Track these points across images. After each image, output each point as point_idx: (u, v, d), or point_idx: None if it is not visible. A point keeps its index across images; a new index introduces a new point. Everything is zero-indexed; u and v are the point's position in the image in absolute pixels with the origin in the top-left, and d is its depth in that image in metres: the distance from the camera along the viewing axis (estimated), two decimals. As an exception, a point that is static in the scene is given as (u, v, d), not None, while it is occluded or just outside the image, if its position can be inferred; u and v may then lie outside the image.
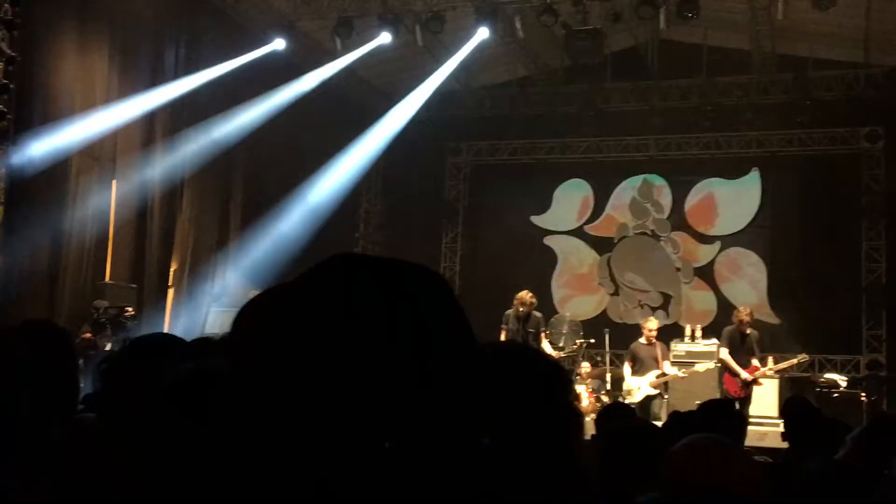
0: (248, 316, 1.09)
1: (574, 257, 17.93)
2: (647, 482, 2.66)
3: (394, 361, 1.00)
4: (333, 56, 15.25)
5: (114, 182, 12.12)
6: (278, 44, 14.37)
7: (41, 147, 10.85)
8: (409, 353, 1.01)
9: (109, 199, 12.01)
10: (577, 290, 17.68)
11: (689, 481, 2.31)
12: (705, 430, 3.46)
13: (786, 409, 5.52)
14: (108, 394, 2.47)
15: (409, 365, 1.01)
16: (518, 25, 14.22)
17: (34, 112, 10.82)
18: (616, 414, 4.99)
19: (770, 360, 12.43)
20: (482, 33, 14.43)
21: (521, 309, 12.16)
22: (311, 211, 15.35)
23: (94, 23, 11.63)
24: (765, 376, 12.21)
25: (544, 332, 12.54)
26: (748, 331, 12.20)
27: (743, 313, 12.33)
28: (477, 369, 1.10)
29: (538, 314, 12.50)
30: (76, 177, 11.35)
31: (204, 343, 2.75)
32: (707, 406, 4.66)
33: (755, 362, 12.02)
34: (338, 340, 1.00)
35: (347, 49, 14.73)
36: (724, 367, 12.15)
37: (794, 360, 12.50)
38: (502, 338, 12.09)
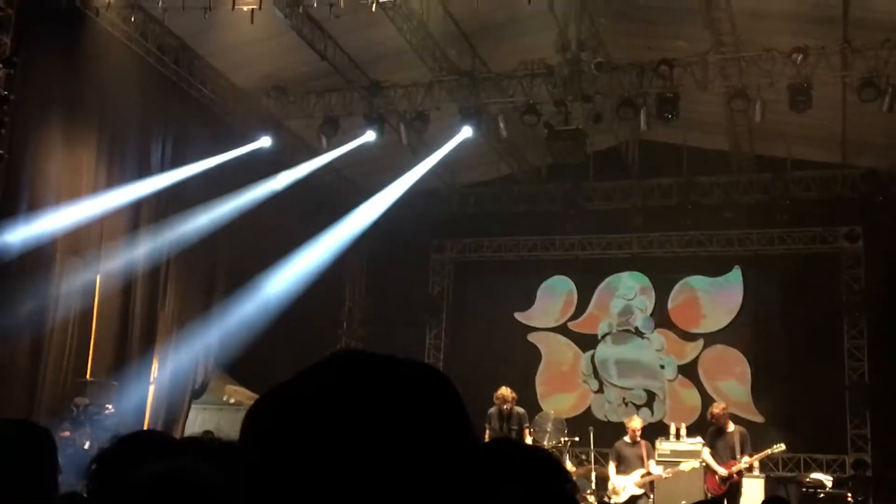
0: (256, 423, 1.07)
1: (558, 354, 17.89)
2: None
3: (408, 466, 0.99)
4: (318, 153, 15.44)
5: (98, 276, 12.09)
6: (264, 141, 14.57)
7: (25, 239, 10.85)
8: (419, 458, 1.00)
9: (93, 293, 11.96)
10: (562, 387, 17.60)
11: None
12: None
13: None
14: (97, 494, 2.44)
15: (421, 469, 1.00)
16: (501, 125, 14.44)
17: (20, 206, 10.84)
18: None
19: (746, 456, 12.33)
20: (465, 132, 14.64)
21: (504, 406, 12.10)
22: (296, 305, 15.30)
23: (83, 116, 11.74)
24: (741, 470, 12.08)
25: (527, 427, 12.44)
26: (730, 427, 12.14)
27: (715, 408, 12.33)
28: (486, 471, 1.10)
29: (520, 410, 12.43)
30: (59, 270, 11.31)
31: (194, 444, 2.72)
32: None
33: (738, 457, 11.93)
34: (346, 446, 0.99)
35: (332, 147, 14.92)
36: (707, 466, 12.09)
37: (769, 451, 12.41)
38: (486, 437, 11.97)
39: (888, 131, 14.37)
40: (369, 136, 14.57)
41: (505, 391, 12.23)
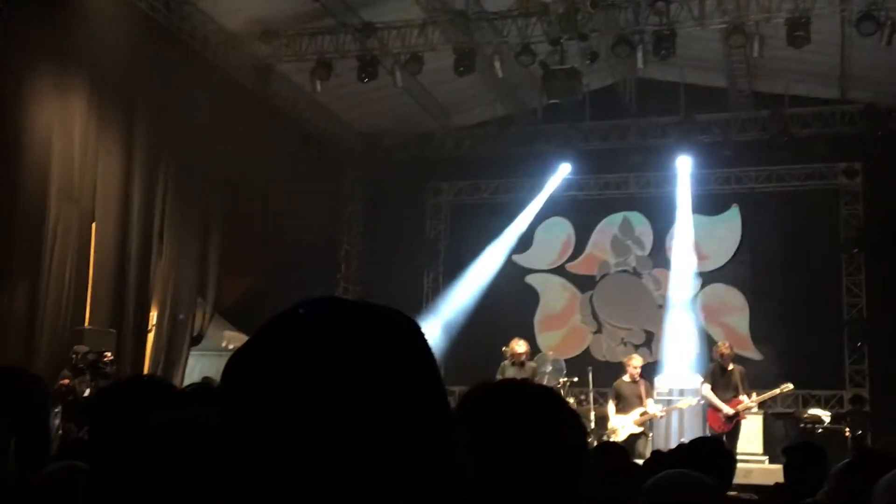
0: (235, 371, 1.06)
1: (556, 296, 17.90)
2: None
3: (378, 418, 0.99)
4: (312, 98, 15.31)
5: (93, 225, 12.04)
6: (256, 85, 14.42)
7: (19, 191, 10.80)
8: (389, 411, 1.00)
9: (89, 242, 11.92)
10: (560, 329, 17.63)
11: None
12: (691, 469, 3.40)
13: (791, 454, 5.39)
14: (94, 440, 2.41)
15: (392, 423, 0.99)
16: (497, 65, 14.30)
17: (11, 156, 10.75)
18: (607, 454, 4.91)
19: (754, 394, 12.42)
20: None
21: (514, 358, 12.08)
22: (292, 249, 15.27)
23: (73, 63, 11.59)
24: (748, 409, 12.18)
25: (537, 380, 12.38)
26: (730, 366, 12.19)
27: (722, 347, 12.35)
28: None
29: (532, 364, 12.43)
30: (55, 220, 11.26)
31: (200, 389, 2.69)
32: (693, 444, 4.60)
33: (741, 397, 12.00)
34: (315, 398, 0.98)
35: (326, 91, 14.78)
36: (708, 404, 12.13)
37: (777, 391, 12.50)
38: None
39: (887, 65, 14.26)
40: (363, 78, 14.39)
41: (518, 343, 12.23)
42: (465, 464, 1.56)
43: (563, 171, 17.35)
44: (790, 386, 12.72)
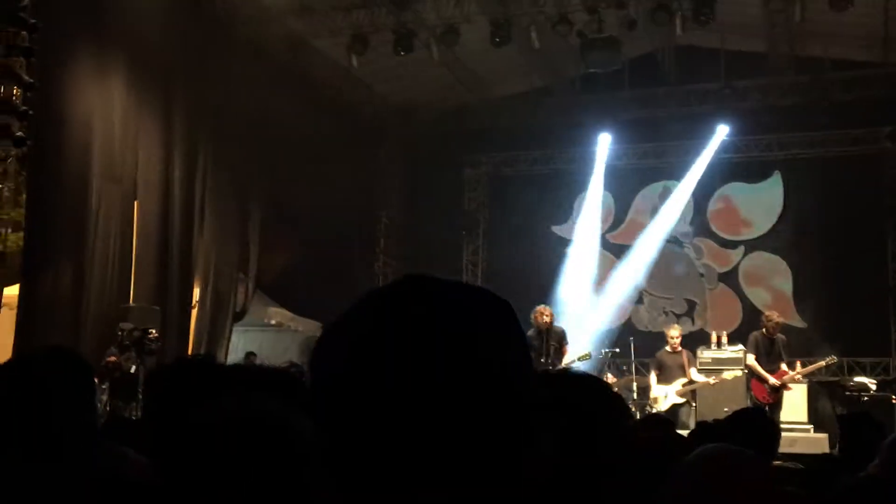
0: (324, 358, 1.05)
1: (596, 266, 17.82)
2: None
3: (483, 406, 0.98)
4: (349, 73, 15.29)
5: (136, 203, 12.16)
6: (291, 60, 14.43)
7: (62, 171, 10.91)
8: (496, 397, 0.99)
9: (131, 220, 12.05)
10: (602, 299, 17.56)
11: (700, 492, 2.25)
12: (735, 440, 3.39)
13: (846, 424, 5.32)
14: (157, 428, 2.41)
15: (499, 409, 0.99)
16: (533, 35, 14.20)
17: (54, 137, 10.86)
18: (653, 425, 4.90)
19: (798, 364, 12.32)
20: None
21: (542, 324, 12.01)
22: (332, 224, 15.32)
23: (110, 43, 11.66)
24: (794, 381, 12.09)
25: (566, 345, 12.32)
26: (776, 335, 12.08)
27: (773, 317, 12.19)
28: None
29: (559, 327, 12.35)
30: (98, 200, 11.38)
31: (244, 372, 2.69)
32: (737, 415, 4.58)
33: (784, 367, 11.90)
34: (419, 387, 0.97)
35: (362, 65, 14.76)
36: (752, 374, 12.03)
37: (822, 363, 12.38)
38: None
39: (932, 26, 13.98)
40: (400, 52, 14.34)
41: (542, 309, 12.15)
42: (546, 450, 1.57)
43: (604, 143, 17.25)
44: (834, 359, 12.61)
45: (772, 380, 11.79)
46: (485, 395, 0.98)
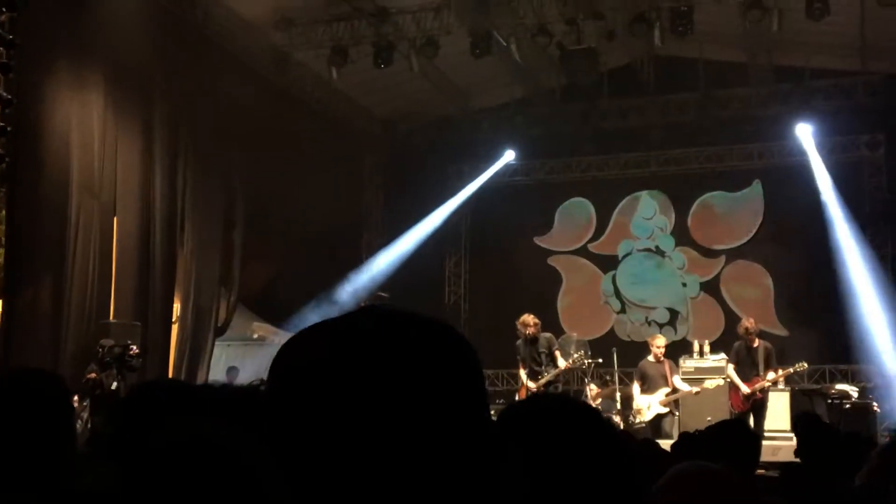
0: (284, 374, 1.07)
1: (579, 276, 17.86)
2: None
3: (420, 436, 1.00)
4: (329, 85, 15.28)
5: (115, 218, 12.08)
6: (273, 73, 14.41)
7: (41, 187, 10.84)
8: (432, 428, 1.01)
9: (111, 235, 11.97)
10: (584, 310, 17.59)
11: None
12: (716, 451, 3.38)
13: (796, 427, 5.43)
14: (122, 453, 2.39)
15: (434, 441, 1.00)
16: (513, 47, 14.23)
17: (32, 153, 10.78)
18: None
19: (770, 373, 12.33)
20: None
21: (527, 332, 12.03)
22: (316, 236, 15.27)
23: (89, 57, 11.60)
24: (763, 388, 12.07)
25: (557, 349, 12.30)
26: (755, 343, 12.09)
27: (746, 322, 12.24)
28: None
29: (547, 334, 12.36)
30: (77, 215, 11.30)
31: (209, 392, 2.67)
32: (718, 427, 4.58)
33: (763, 373, 11.92)
34: (361, 408, 0.99)
35: (342, 78, 14.75)
36: (732, 383, 12.08)
37: (790, 370, 12.39)
38: (520, 369, 12.04)
39: (909, 35, 14.08)
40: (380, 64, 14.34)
41: (526, 318, 12.15)
42: (515, 482, 1.58)
43: (584, 153, 17.31)
44: (804, 365, 12.60)
45: (743, 387, 11.82)
46: (429, 423, 1.00)
